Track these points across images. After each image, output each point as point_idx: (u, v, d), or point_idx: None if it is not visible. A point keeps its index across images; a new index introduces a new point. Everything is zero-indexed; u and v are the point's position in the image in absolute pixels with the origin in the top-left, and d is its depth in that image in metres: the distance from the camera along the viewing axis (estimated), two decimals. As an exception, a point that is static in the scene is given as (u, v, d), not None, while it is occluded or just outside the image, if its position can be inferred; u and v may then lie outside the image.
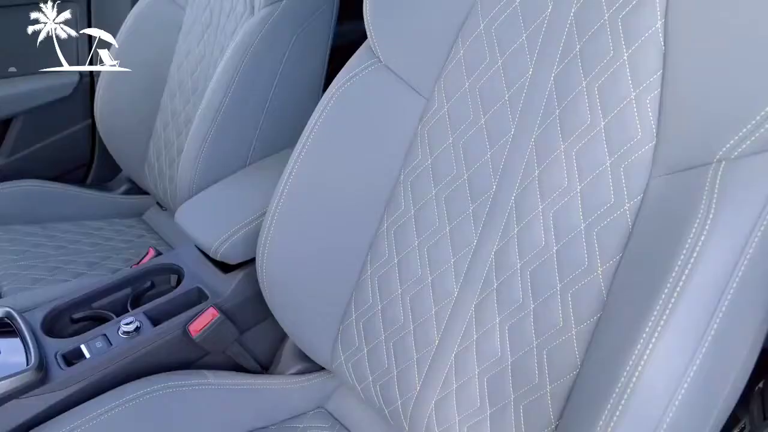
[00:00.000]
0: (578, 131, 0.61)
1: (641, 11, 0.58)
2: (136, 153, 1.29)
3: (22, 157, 1.45)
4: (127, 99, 1.28)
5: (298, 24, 1.06)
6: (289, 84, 1.08)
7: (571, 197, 0.61)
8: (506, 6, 0.68)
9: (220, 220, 0.92)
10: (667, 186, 0.55)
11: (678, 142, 0.55)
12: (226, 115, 1.04)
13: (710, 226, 0.49)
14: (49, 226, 1.29)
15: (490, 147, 0.68)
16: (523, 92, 0.66)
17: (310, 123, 0.77)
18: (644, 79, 0.57)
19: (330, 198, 0.77)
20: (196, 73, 1.19)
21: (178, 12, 1.25)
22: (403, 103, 0.75)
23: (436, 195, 0.72)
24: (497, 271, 0.66)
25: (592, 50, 0.61)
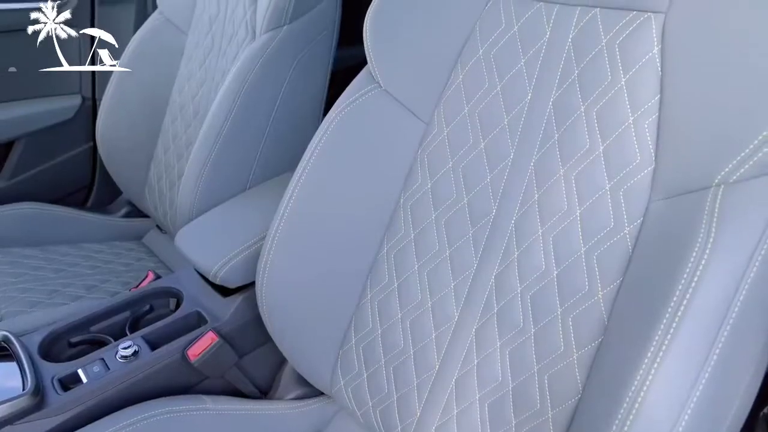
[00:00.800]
0: (577, 155, 0.61)
1: (638, 37, 0.59)
2: (137, 176, 1.30)
3: (23, 179, 1.46)
4: (128, 122, 1.29)
5: (299, 49, 1.07)
6: (289, 108, 1.09)
7: (570, 221, 0.61)
8: (505, 31, 0.69)
9: (220, 244, 0.92)
10: (667, 210, 0.55)
11: (677, 166, 0.55)
12: (227, 138, 1.04)
13: (710, 250, 0.49)
14: (48, 249, 1.29)
15: (489, 171, 0.68)
16: (522, 116, 0.67)
17: (310, 147, 0.77)
18: (642, 104, 0.58)
19: (330, 222, 0.77)
20: (197, 96, 1.20)
21: (180, 37, 1.27)
22: (403, 127, 0.75)
23: (436, 219, 0.72)
24: (497, 295, 0.66)
25: (591, 75, 0.62)
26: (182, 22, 1.27)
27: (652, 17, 0.58)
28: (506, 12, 0.69)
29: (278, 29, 1.04)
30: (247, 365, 0.93)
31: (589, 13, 0.63)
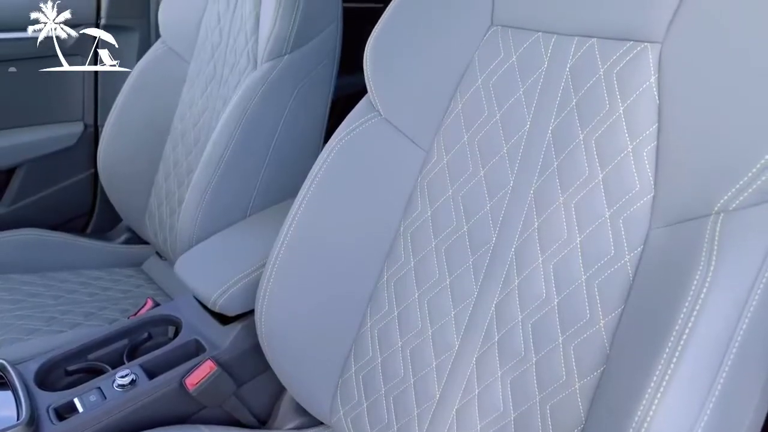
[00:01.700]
0: (577, 183, 0.62)
1: (635, 66, 0.59)
2: (137, 202, 1.30)
3: (23, 205, 1.46)
4: (130, 149, 1.30)
5: (299, 78, 1.08)
6: (290, 136, 1.10)
7: (571, 249, 0.61)
8: (504, 61, 0.70)
9: (220, 271, 0.91)
10: (667, 238, 0.55)
11: (676, 193, 0.55)
12: (228, 166, 1.05)
13: (711, 279, 0.49)
14: (47, 275, 1.28)
15: (489, 199, 0.69)
16: (522, 145, 0.67)
17: (310, 175, 0.78)
18: (640, 132, 0.58)
19: (330, 250, 0.77)
20: (198, 124, 1.21)
21: (182, 65, 1.28)
22: (403, 155, 0.76)
23: (436, 247, 0.72)
24: (498, 324, 0.65)
25: (589, 104, 0.62)
26: (185, 51, 1.28)
27: (649, 47, 0.58)
28: (505, 42, 0.70)
29: (279, 58, 1.06)
30: (245, 394, 0.92)
31: (586, 42, 0.63)
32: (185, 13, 1.28)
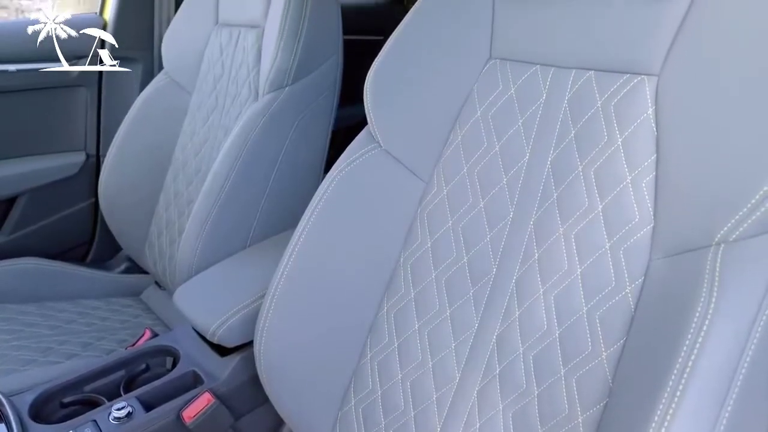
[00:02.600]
0: (576, 214, 0.62)
1: (633, 99, 0.60)
2: (138, 232, 1.30)
3: (23, 234, 1.46)
4: (131, 179, 1.30)
5: (300, 110, 1.09)
6: (290, 167, 1.10)
7: (571, 280, 0.61)
8: (502, 93, 0.71)
9: (219, 302, 0.91)
10: (668, 269, 0.55)
11: (676, 224, 0.55)
12: (228, 197, 1.05)
13: (713, 311, 0.48)
14: (45, 305, 1.28)
15: (489, 230, 0.69)
16: (521, 176, 0.67)
17: (311, 206, 0.78)
18: (639, 163, 0.58)
19: (330, 281, 0.77)
20: (199, 154, 1.22)
21: (184, 96, 1.30)
22: (403, 186, 0.76)
23: (436, 278, 0.72)
24: (499, 356, 0.65)
25: (587, 135, 0.63)
26: (187, 82, 1.30)
27: (646, 79, 0.59)
28: (503, 74, 0.71)
29: (280, 90, 1.07)
30: (243, 427, 0.91)
31: (584, 75, 0.64)
32: (188, 45, 1.30)
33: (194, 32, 1.30)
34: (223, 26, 1.25)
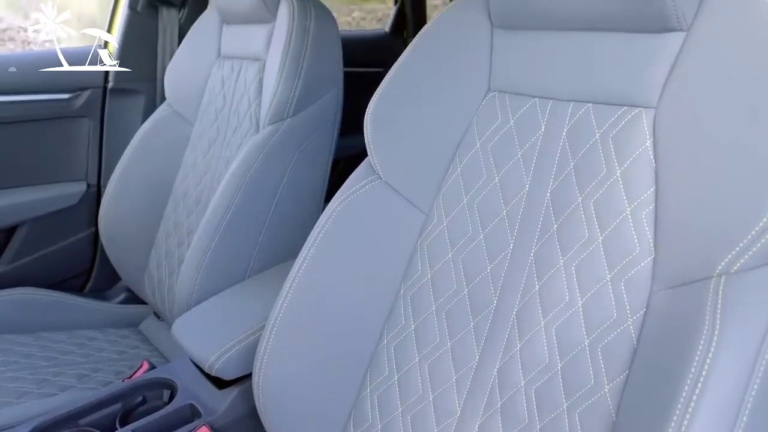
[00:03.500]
0: (577, 246, 0.62)
1: (631, 131, 0.60)
2: (137, 262, 1.30)
3: (23, 264, 1.46)
4: (131, 208, 1.30)
5: (301, 141, 1.10)
6: (290, 198, 1.11)
7: (573, 312, 0.60)
8: (501, 125, 0.71)
9: (218, 334, 0.90)
10: (670, 301, 0.55)
11: (676, 256, 0.55)
12: (228, 227, 1.05)
13: (716, 344, 0.48)
14: (42, 336, 1.27)
15: (489, 262, 0.68)
16: (521, 208, 0.67)
17: (311, 237, 0.78)
18: (638, 195, 0.58)
19: (330, 313, 0.76)
20: (200, 185, 1.22)
21: (186, 127, 1.31)
22: (403, 218, 0.76)
23: (437, 310, 0.71)
24: (501, 390, 0.64)
25: (586, 167, 0.63)
26: (189, 114, 1.31)
27: (643, 112, 0.60)
28: (502, 107, 0.72)
29: (281, 122, 1.08)
30: (240, 462, 0.89)
31: (582, 107, 0.65)
32: (191, 77, 1.32)
33: (197, 64, 1.32)
34: (225, 59, 1.27)
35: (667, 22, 0.57)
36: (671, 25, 0.57)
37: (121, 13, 1.49)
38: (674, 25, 0.57)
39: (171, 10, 1.50)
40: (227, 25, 1.28)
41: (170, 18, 1.51)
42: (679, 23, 0.57)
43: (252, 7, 1.14)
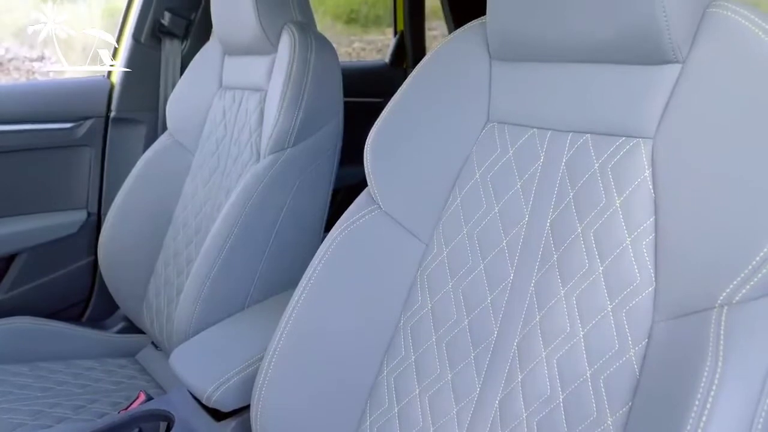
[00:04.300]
0: (577, 276, 0.61)
1: (629, 161, 0.60)
2: (136, 291, 1.29)
3: (20, 292, 1.45)
4: (131, 237, 1.30)
5: (301, 171, 1.11)
6: (290, 227, 1.11)
7: (574, 343, 0.60)
8: (501, 156, 0.72)
9: (216, 365, 0.89)
10: (672, 332, 0.54)
11: (677, 286, 0.55)
12: (228, 257, 1.05)
13: (720, 376, 0.47)
14: (38, 366, 1.25)
15: (490, 292, 0.68)
16: (521, 238, 0.67)
17: (310, 267, 0.78)
18: (638, 225, 0.59)
19: (329, 344, 0.76)
20: (200, 214, 1.23)
21: (187, 156, 1.32)
22: (403, 248, 0.76)
23: (437, 341, 0.71)
24: (502, 423, 0.63)
25: (586, 197, 0.63)
26: (190, 143, 1.32)
27: (641, 142, 0.60)
28: (501, 137, 0.72)
29: (282, 152, 1.09)
30: (237, 497, 0.87)
31: (580, 138, 0.65)
32: (192, 107, 1.33)
33: (199, 94, 1.33)
34: (226, 89, 1.29)
35: (663, 54, 0.58)
36: (667, 57, 0.58)
37: (125, 43, 1.51)
38: (670, 57, 0.58)
39: (174, 41, 1.52)
40: (229, 56, 1.29)
41: (173, 49, 1.53)
42: (674, 55, 0.58)
43: (254, 38, 1.16)
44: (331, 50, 1.15)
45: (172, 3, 1.49)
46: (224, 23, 1.24)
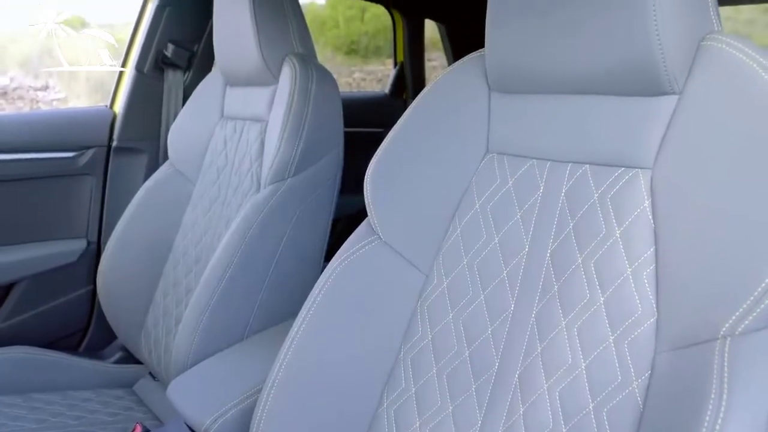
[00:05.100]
0: (578, 307, 0.61)
1: (628, 191, 0.61)
2: (134, 320, 1.28)
3: (18, 321, 1.44)
4: (130, 266, 1.30)
5: (301, 201, 1.11)
6: (290, 257, 1.11)
7: (576, 375, 0.59)
8: (500, 186, 0.72)
9: (214, 396, 0.88)
10: (675, 363, 0.54)
11: (679, 317, 0.54)
12: (227, 287, 1.05)
13: (726, 408, 0.47)
14: (32, 397, 1.24)
15: (490, 323, 0.68)
16: (521, 268, 0.67)
17: (310, 297, 0.77)
18: (639, 255, 0.58)
19: (329, 375, 0.75)
20: (200, 244, 1.22)
21: (188, 186, 1.32)
22: (403, 278, 0.76)
23: (438, 373, 0.70)
24: (505, 457, 0.62)
25: (586, 227, 0.63)
26: (191, 173, 1.33)
27: (640, 173, 0.60)
28: (501, 168, 0.73)
29: (282, 182, 1.09)
30: None
31: (579, 168, 0.65)
32: (194, 137, 1.34)
33: (200, 124, 1.34)
34: (228, 119, 1.30)
35: (660, 86, 0.59)
36: (664, 88, 0.59)
37: (128, 74, 1.53)
38: (667, 88, 0.59)
39: (177, 72, 1.54)
40: (231, 86, 1.31)
41: (176, 80, 1.55)
42: (671, 87, 0.58)
43: (256, 69, 1.17)
44: (331, 81, 1.17)
45: (175, 35, 1.51)
46: (226, 54, 1.25)
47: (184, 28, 1.52)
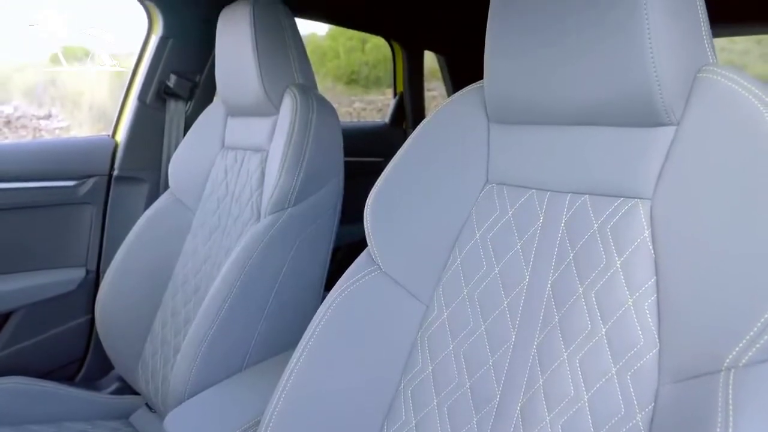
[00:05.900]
0: (580, 338, 0.61)
1: (628, 222, 0.61)
2: (132, 350, 1.27)
3: (15, 351, 1.42)
4: (129, 295, 1.29)
5: (301, 230, 1.11)
6: (290, 287, 1.10)
7: (579, 407, 0.58)
8: (500, 217, 0.72)
9: (211, 429, 0.87)
10: (679, 395, 0.53)
11: (681, 349, 0.54)
12: (226, 317, 1.04)
13: (731, 443, 0.46)
14: (27, 429, 1.21)
15: (491, 354, 0.67)
16: (522, 298, 0.67)
17: (310, 328, 0.77)
18: (639, 286, 0.58)
19: (328, 406, 0.74)
20: (199, 273, 1.22)
21: (188, 215, 1.33)
22: (403, 309, 0.75)
23: (438, 405, 0.69)
24: (507, 492, 0.61)
25: (586, 258, 0.63)
26: (191, 202, 1.33)
27: (640, 203, 0.60)
28: (500, 198, 0.73)
29: (282, 211, 1.09)
30: None
31: (579, 199, 0.66)
32: (194, 166, 1.35)
33: (201, 154, 1.35)
34: (228, 149, 1.31)
35: (658, 117, 0.59)
36: (661, 119, 0.59)
37: (131, 104, 1.54)
38: (664, 119, 0.59)
39: (179, 102, 1.56)
40: (232, 117, 1.32)
41: (177, 110, 1.56)
42: (668, 117, 0.59)
43: (257, 100, 1.18)
44: (332, 111, 1.18)
45: (177, 66, 1.53)
46: (228, 85, 1.27)
47: (187, 59, 1.54)
